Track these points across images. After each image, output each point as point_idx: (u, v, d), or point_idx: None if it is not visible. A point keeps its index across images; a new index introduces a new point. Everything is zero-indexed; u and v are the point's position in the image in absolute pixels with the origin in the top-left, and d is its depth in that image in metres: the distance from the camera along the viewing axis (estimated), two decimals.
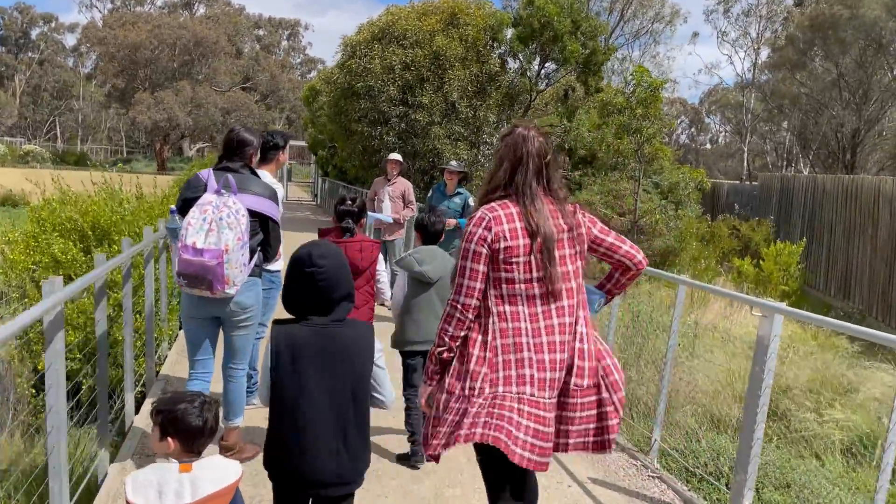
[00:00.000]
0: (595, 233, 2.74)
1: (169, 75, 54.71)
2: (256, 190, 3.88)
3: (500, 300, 2.56)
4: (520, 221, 2.57)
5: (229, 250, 3.53)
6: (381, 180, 8.72)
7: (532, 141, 2.69)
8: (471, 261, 2.55)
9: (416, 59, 15.97)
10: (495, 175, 2.71)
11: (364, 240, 4.20)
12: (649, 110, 13.31)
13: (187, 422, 2.22)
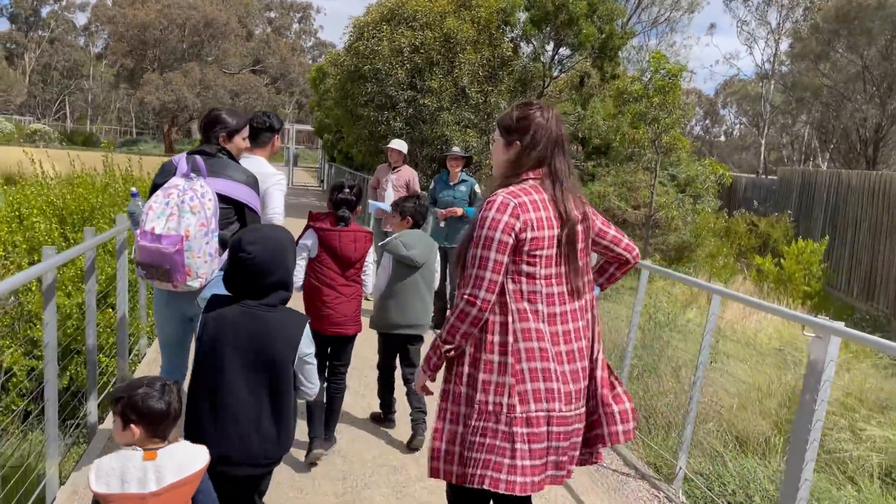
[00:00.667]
0: (599, 225, 2.60)
1: (178, 56, 54.21)
2: (232, 175, 3.53)
3: (519, 296, 2.36)
4: (547, 210, 2.38)
5: (190, 237, 3.22)
6: (384, 167, 8.19)
7: (559, 121, 2.51)
8: (495, 251, 2.31)
9: (425, 41, 15.38)
10: (521, 157, 2.46)
11: (359, 230, 4.05)
12: (667, 98, 12.68)
13: (148, 405, 2.17)
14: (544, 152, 2.42)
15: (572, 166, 2.54)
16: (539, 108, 2.47)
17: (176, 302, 3.55)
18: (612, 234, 2.61)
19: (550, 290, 2.37)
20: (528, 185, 2.40)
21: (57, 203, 6.59)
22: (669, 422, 5.79)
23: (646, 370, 6.96)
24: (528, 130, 2.43)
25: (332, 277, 4.01)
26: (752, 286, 13.06)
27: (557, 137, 2.45)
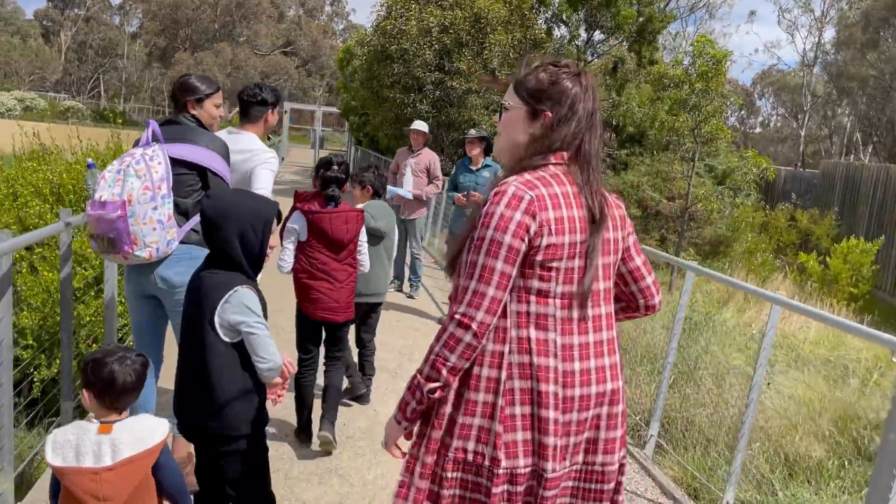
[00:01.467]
0: (631, 241, 1.97)
1: (209, 36, 54.17)
2: (195, 139, 3.23)
3: (524, 320, 1.77)
4: (573, 208, 1.76)
5: (133, 200, 2.95)
6: (404, 151, 7.68)
7: (595, 91, 1.88)
8: (502, 260, 1.71)
9: (455, 21, 14.79)
10: (549, 133, 1.83)
11: (349, 210, 3.83)
12: (710, 85, 11.98)
13: (99, 373, 2.11)
14: (578, 129, 1.82)
15: (602, 151, 1.95)
16: (575, 71, 1.86)
17: (136, 278, 3.25)
18: (636, 264, 1.96)
19: (568, 313, 1.78)
20: (550, 172, 1.80)
21: (54, 181, 6.17)
22: (709, 438, 5.23)
23: (681, 376, 6.39)
24: (562, 98, 1.82)
25: (325, 262, 3.78)
26: (793, 285, 12.35)
27: (594, 112, 1.85)
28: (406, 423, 1.86)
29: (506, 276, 1.72)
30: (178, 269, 3.16)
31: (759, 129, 62.76)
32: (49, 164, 6.34)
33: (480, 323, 1.71)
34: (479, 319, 1.71)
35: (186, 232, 3.19)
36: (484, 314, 1.71)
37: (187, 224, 3.18)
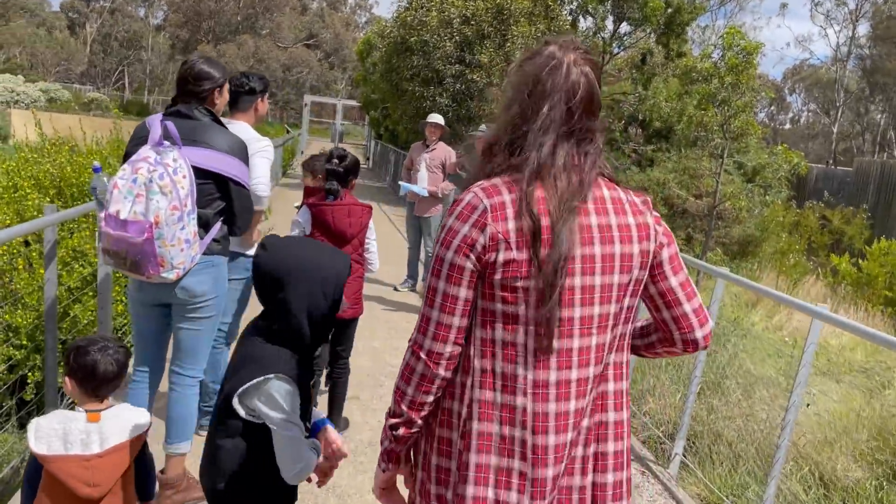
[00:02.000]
0: (665, 256, 1.55)
1: (232, 28, 54.26)
2: (213, 142, 2.91)
3: (488, 349, 1.48)
4: (545, 216, 1.43)
5: (160, 222, 2.70)
6: (418, 146, 7.38)
7: (573, 69, 1.48)
8: (444, 279, 1.47)
9: (476, 12, 14.45)
10: (501, 128, 1.54)
11: (354, 203, 3.72)
12: (740, 79, 11.53)
13: (81, 361, 2.13)
14: (552, 116, 1.46)
15: (598, 139, 1.52)
16: (539, 51, 1.51)
17: (150, 287, 2.98)
18: (669, 284, 1.55)
19: (544, 343, 1.45)
20: (521, 174, 1.46)
21: (54, 173, 5.95)
22: (738, 453, 4.90)
23: (708, 386, 6.03)
24: (529, 80, 1.48)
25: None
26: (825, 288, 11.89)
27: (577, 94, 1.46)
28: (385, 466, 1.62)
29: (451, 299, 1.46)
30: (201, 278, 2.98)
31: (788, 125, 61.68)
32: (50, 155, 6.11)
33: (429, 351, 1.48)
34: (427, 347, 1.48)
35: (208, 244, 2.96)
36: (432, 341, 1.47)
37: (208, 236, 2.95)
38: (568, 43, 1.51)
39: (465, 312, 1.46)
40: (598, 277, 1.45)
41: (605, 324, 1.48)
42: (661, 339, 1.63)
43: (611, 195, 1.49)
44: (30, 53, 60.65)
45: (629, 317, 1.53)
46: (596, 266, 1.45)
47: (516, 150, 1.49)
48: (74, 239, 5.42)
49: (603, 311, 1.47)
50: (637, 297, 1.53)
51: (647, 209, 1.53)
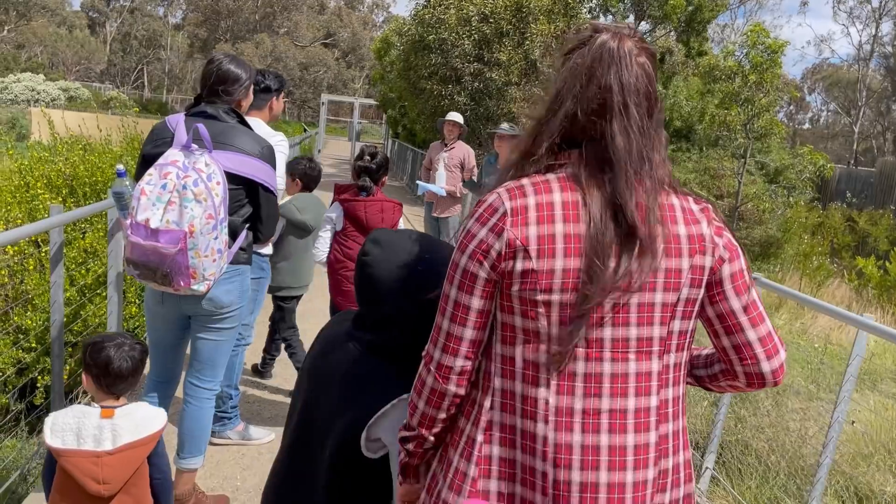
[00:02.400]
0: (726, 273, 1.33)
1: (250, 27, 54.45)
2: (242, 146, 2.77)
3: (508, 369, 1.33)
4: (576, 221, 1.27)
5: (195, 232, 2.54)
6: (437, 145, 7.24)
7: (628, 61, 1.31)
8: (456, 286, 1.33)
9: (495, 9, 14.28)
10: (543, 124, 1.35)
11: (385, 200, 3.79)
12: (765, 77, 11.30)
13: (96, 357, 2.14)
14: (587, 109, 1.30)
15: (662, 141, 1.36)
16: (589, 38, 1.33)
17: (172, 300, 2.84)
18: (730, 306, 1.33)
19: (572, 366, 1.28)
20: (554, 175, 1.32)
21: (66, 172, 5.86)
22: (768, 465, 4.72)
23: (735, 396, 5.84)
24: (581, 73, 1.31)
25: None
26: (850, 291, 11.61)
27: (611, 91, 1.29)
28: (402, 479, 1.50)
29: (462, 308, 1.32)
30: (228, 288, 2.85)
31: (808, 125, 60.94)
32: (63, 154, 6.02)
33: (439, 364, 1.35)
34: (437, 359, 1.35)
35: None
36: (441, 353, 1.34)
37: (235, 244, 2.81)
38: (621, 30, 1.35)
39: (478, 324, 1.32)
40: (636, 295, 1.27)
41: (648, 349, 1.29)
42: (724, 370, 1.42)
43: (645, 200, 1.30)
44: (50, 52, 61.22)
45: (683, 343, 1.34)
46: (658, 279, 1.28)
47: (562, 149, 1.33)
48: (87, 238, 5.34)
49: (643, 334, 1.29)
50: (691, 319, 1.34)
51: (704, 218, 1.33)
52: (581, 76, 1.31)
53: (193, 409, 3.01)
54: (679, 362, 1.35)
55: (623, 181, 1.27)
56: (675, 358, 1.33)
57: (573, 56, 1.34)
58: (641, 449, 1.30)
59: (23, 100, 38.42)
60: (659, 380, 1.31)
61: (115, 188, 2.86)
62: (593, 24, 1.38)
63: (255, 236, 2.97)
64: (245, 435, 3.82)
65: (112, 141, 6.85)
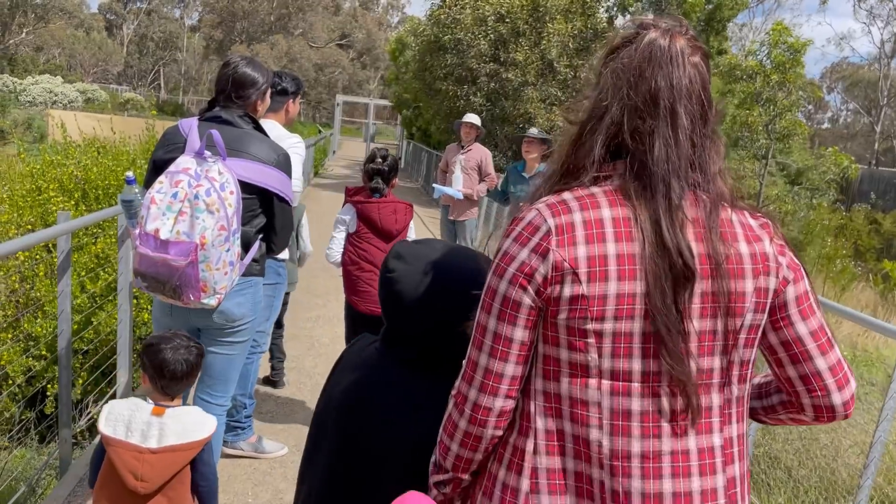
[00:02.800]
0: (790, 295, 1.20)
1: (265, 29, 54.65)
2: (257, 153, 2.64)
3: (552, 408, 1.19)
4: (630, 240, 1.13)
5: (206, 244, 2.42)
6: (453, 148, 7.09)
7: (680, 60, 1.17)
8: (495, 316, 1.18)
9: (512, 9, 14.14)
10: (585, 132, 1.21)
11: (398, 202, 3.84)
12: (787, 77, 11.08)
13: (152, 358, 2.18)
14: (635, 114, 1.17)
15: (720, 151, 1.21)
16: (637, 34, 1.19)
17: (181, 312, 2.72)
18: (796, 332, 1.20)
19: (626, 403, 1.15)
20: (600, 188, 1.18)
21: (78, 175, 5.79)
22: (797, 480, 4.55)
23: None
24: (629, 75, 1.18)
25: (374, 253, 3.80)
26: (875, 295, 11.36)
27: (661, 95, 1.16)
28: None
29: (504, 341, 1.17)
30: (239, 301, 2.73)
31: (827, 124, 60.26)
32: (75, 157, 5.95)
33: (475, 405, 1.20)
34: (473, 400, 1.20)
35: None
36: (478, 393, 1.20)
37: (248, 256, 2.69)
38: (672, 26, 1.20)
39: (521, 358, 1.17)
40: (695, 322, 1.14)
41: (709, 381, 1.16)
42: (784, 402, 1.29)
43: (701, 215, 1.17)
44: (68, 54, 61.75)
45: (745, 374, 1.20)
46: (695, 307, 1.14)
47: (607, 159, 1.19)
48: (99, 244, 5.26)
49: (705, 366, 1.15)
50: (754, 347, 1.20)
51: (765, 234, 1.19)
52: (627, 78, 1.18)
53: None
54: (742, 395, 1.21)
55: (662, 195, 1.14)
56: (737, 391, 1.20)
57: (617, 56, 1.20)
58: (709, 495, 1.16)
59: (41, 102, 38.71)
60: (721, 415, 1.18)
61: (124, 196, 2.76)
62: (639, 21, 1.24)
63: (269, 247, 2.86)
64: (258, 447, 3.70)
65: (127, 143, 6.78)
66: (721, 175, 1.19)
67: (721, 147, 1.22)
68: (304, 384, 4.67)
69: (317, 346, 5.44)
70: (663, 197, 1.14)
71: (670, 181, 1.14)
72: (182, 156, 2.52)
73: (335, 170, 24.98)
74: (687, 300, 1.13)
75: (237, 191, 2.49)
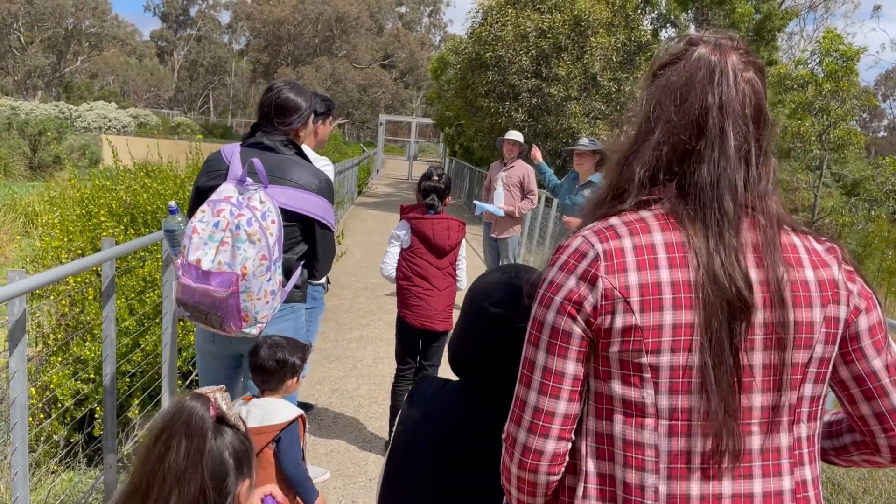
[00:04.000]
0: (862, 326, 1.11)
1: (310, 51, 55.68)
2: (299, 180, 2.62)
3: (604, 449, 1.10)
4: (681, 267, 1.05)
5: (247, 275, 2.40)
6: (496, 165, 7.04)
7: (733, 77, 1.10)
8: (544, 349, 1.10)
9: (553, 24, 14.08)
10: (633, 152, 1.15)
11: (451, 219, 3.94)
12: (840, 85, 10.75)
13: (254, 355, 2.42)
14: (684, 134, 1.09)
15: (772, 172, 1.13)
16: (685, 51, 1.13)
17: (224, 339, 2.69)
18: (870, 367, 1.11)
19: (686, 443, 1.06)
20: (650, 212, 1.11)
21: (127, 200, 5.88)
22: None
23: None
24: (678, 93, 1.11)
25: (427, 268, 3.90)
26: None
27: (710, 113, 1.08)
28: None
29: (555, 376, 1.09)
30: (281, 327, 2.69)
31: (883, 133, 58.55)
32: (125, 182, 6.06)
33: (525, 447, 1.11)
34: (523, 442, 1.11)
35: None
36: (528, 434, 1.11)
37: (290, 283, 2.66)
38: (723, 41, 1.12)
39: (574, 395, 1.09)
40: (758, 354, 1.04)
41: (777, 419, 1.07)
42: (857, 442, 1.19)
43: (759, 239, 1.09)
44: (122, 81, 63.85)
45: (815, 412, 1.10)
46: (756, 339, 1.05)
47: (656, 181, 1.11)
48: (147, 267, 5.32)
49: (769, 402, 1.06)
50: (824, 383, 1.11)
51: (833, 259, 1.11)
52: (675, 97, 1.10)
53: None
54: (812, 435, 1.11)
55: (715, 219, 1.06)
56: (807, 429, 1.10)
57: (664, 74, 1.13)
58: None
59: (95, 127, 40.04)
60: (791, 456, 1.08)
61: (167, 225, 2.76)
62: (688, 36, 1.16)
63: (311, 273, 2.82)
64: None
65: (174, 167, 6.89)
66: (776, 197, 1.11)
67: (771, 168, 1.14)
68: (346, 406, 4.62)
69: (359, 367, 5.40)
70: (716, 221, 1.06)
71: (723, 204, 1.06)
72: (224, 183, 2.51)
73: (379, 188, 25.15)
74: (743, 331, 1.04)
75: (279, 219, 2.47)
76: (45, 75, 56.68)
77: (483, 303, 1.39)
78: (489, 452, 1.35)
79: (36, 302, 5.29)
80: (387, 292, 7.58)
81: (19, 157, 24.28)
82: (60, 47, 56.57)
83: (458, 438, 1.41)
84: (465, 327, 1.44)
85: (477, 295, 1.42)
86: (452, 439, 1.42)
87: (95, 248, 5.58)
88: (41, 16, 54.39)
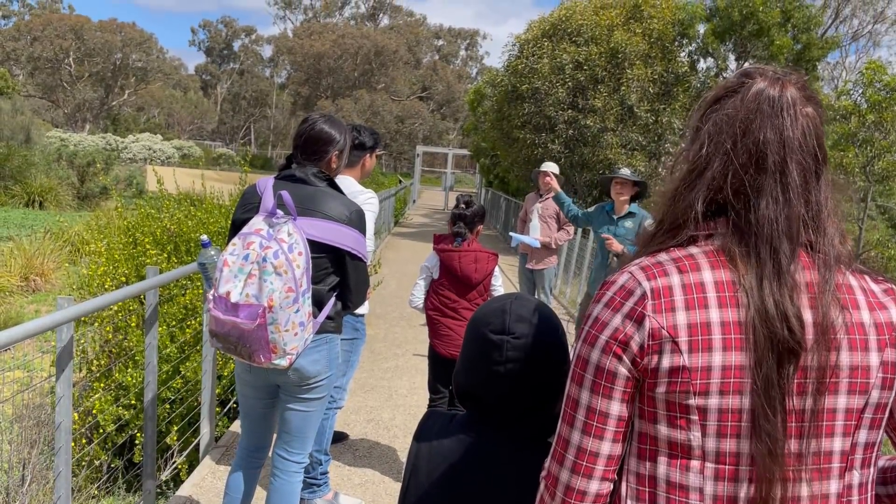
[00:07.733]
0: None
1: (350, 84, 56.65)
2: (329, 212, 2.63)
3: (646, 492, 1.07)
4: (732, 307, 1.02)
5: (274, 306, 2.42)
6: (532, 196, 7.05)
7: (793, 112, 1.08)
8: (588, 389, 1.08)
9: (589, 56, 14.12)
10: (685, 187, 1.13)
11: (480, 250, 3.88)
12: (884, 116, 10.56)
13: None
14: (741, 170, 1.08)
15: (833, 209, 1.10)
16: (742, 83, 1.11)
17: (259, 370, 2.74)
18: None
19: (732, 488, 1.04)
20: (699, 249, 1.09)
21: (172, 229, 6.02)
22: None
23: None
24: (734, 127, 1.09)
25: (453, 300, 3.88)
26: None
27: (769, 149, 1.07)
28: None
29: (599, 416, 1.07)
30: (315, 358, 2.71)
31: None
32: (169, 211, 6.20)
33: (568, 488, 1.08)
34: (565, 482, 1.08)
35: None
36: (571, 474, 1.08)
37: (321, 314, 2.68)
38: (780, 74, 1.11)
39: (618, 435, 1.07)
40: (809, 398, 1.02)
41: (828, 466, 1.04)
42: None
43: (818, 278, 1.06)
44: (167, 113, 65.68)
45: (870, 458, 1.07)
46: (808, 383, 1.02)
47: (708, 217, 1.10)
48: (188, 295, 5.41)
49: (821, 448, 1.04)
50: (880, 429, 1.07)
51: (891, 301, 1.08)
52: (732, 131, 1.09)
53: (281, 484, 2.86)
54: (864, 482, 1.08)
55: (770, 258, 1.03)
56: (859, 476, 1.07)
57: (721, 107, 1.12)
58: None
59: (140, 158, 41.11)
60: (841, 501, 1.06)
61: (201, 259, 2.80)
62: (744, 70, 1.16)
63: (344, 304, 2.83)
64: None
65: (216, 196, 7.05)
66: (839, 236, 1.09)
67: (831, 204, 1.11)
68: (382, 436, 4.61)
69: (395, 398, 5.39)
70: (770, 259, 1.04)
71: (779, 243, 1.04)
72: (255, 216, 2.55)
73: (414, 218, 25.31)
74: (792, 373, 1.01)
75: (306, 251, 2.49)
76: (94, 108, 58.64)
77: (483, 329, 1.38)
78: (501, 486, 1.33)
79: (81, 328, 5.42)
80: (422, 322, 7.57)
81: (68, 187, 24.97)
82: (108, 81, 58.51)
83: (466, 474, 1.39)
84: (467, 356, 1.43)
85: (477, 323, 1.42)
86: (461, 475, 1.40)
87: (139, 276, 5.71)
88: (91, 51, 56.44)
